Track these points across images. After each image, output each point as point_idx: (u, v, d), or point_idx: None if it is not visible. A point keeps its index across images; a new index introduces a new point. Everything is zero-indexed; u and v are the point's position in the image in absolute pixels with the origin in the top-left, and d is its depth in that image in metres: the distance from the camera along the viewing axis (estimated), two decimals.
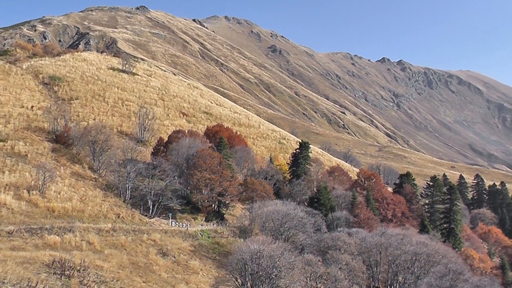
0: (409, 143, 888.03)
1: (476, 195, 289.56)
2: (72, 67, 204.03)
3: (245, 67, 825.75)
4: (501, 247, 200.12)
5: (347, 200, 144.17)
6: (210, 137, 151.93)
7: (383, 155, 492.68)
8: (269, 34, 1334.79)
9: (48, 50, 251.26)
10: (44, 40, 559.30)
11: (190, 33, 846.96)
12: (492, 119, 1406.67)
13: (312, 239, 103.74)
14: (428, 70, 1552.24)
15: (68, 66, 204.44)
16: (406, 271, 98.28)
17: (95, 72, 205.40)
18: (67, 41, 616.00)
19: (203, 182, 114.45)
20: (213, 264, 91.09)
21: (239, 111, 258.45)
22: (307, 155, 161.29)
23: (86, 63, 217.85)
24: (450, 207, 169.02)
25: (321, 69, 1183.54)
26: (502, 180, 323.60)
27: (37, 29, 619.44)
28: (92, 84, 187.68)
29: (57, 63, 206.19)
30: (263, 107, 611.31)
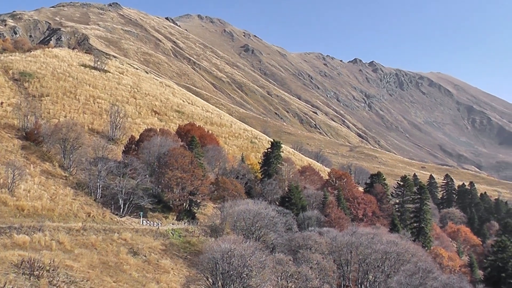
0: (380, 144, 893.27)
1: (445, 195, 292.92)
2: (43, 63, 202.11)
3: (217, 66, 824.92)
4: (469, 246, 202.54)
5: (318, 200, 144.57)
6: (182, 136, 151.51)
7: (354, 155, 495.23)
8: (242, 33, 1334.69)
9: (18, 46, 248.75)
10: (15, 35, 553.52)
11: (163, 31, 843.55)
12: (461, 121, 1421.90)
13: (283, 239, 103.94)
14: (399, 72, 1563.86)
15: (39, 62, 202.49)
16: (377, 269, 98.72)
17: (66, 69, 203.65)
18: (38, 37, 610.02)
19: (175, 181, 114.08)
20: (184, 263, 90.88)
21: (211, 110, 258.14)
22: (278, 155, 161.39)
23: (58, 60, 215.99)
24: (420, 206, 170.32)
25: (293, 69, 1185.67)
26: (471, 180, 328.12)
27: (7, 23, 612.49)
28: (63, 81, 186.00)
29: (27, 59, 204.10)
30: (235, 106, 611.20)
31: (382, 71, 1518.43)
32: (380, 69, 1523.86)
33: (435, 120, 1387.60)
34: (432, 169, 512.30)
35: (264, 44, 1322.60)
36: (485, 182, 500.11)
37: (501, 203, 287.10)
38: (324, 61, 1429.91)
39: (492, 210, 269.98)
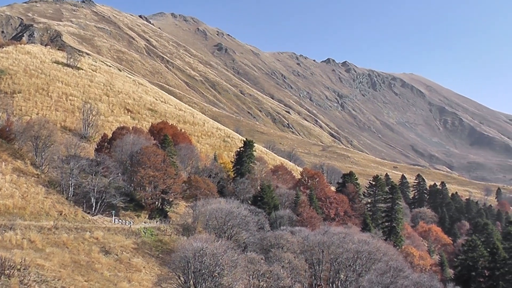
0: (353, 143, 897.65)
1: (417, 194, 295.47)
2: (15, 60, 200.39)
3: (190, 64, 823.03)
4: (440, 245, 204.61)
5: (290, 199, 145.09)
6: (155, 134, 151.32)
7: (326, 155, 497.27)
8: (216, 32, 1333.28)
9: None
10: None
11: (136, 29, 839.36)
12: (433, 121, 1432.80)
13: (255, 238, 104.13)
14: (372, 72, 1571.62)
15: (11, 59, 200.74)
16: (348, 268, 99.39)
17: (39, 66, 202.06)
18: (10, 33, 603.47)
19: (147, 179, 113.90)
20: (156, 262, 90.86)
21: (184, 109, 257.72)
22: (251, 154, 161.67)
23: (30, 56, 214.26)
24: (392, 206, 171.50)
25: (266, 68, 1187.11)
26: (443, 181, 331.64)
27: None
28: (35, 78, 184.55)
29: None
30: (208, 105, 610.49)
31: (355, 72, 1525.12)
32: (353, 70, 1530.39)
33: (407, 121, 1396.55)
34: (404, 169, 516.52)
35: (237, 43, 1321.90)
36: (456, 182, 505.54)
37: (472, 203, 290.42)
38: (297, 60, 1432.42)
39: (463, 210, 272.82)
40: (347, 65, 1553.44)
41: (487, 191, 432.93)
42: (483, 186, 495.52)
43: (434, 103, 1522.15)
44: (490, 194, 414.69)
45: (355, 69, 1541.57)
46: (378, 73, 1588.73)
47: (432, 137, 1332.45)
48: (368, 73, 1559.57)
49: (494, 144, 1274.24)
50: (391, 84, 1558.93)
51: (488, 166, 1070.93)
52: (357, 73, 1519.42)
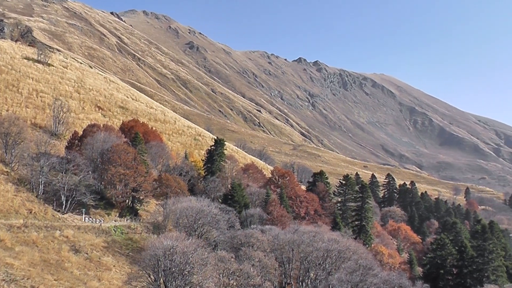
0: (323, 143, 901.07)
1: (387, 193, 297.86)
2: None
3: (162, 62, 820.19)
4: (409, 243, 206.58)
5: (261, 198, 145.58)
6: (126, 132, 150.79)
7: (297, 154, 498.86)
8: (187, 30, 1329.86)
9: None
10: None
11: (108, 26, 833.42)
12: (404, 122, 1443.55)
13: (225, 236, 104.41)
14: (343, 72, 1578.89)
15: None
16: (318, 267, 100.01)
17: (9, 61, 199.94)
18: None
19: (118, 177, 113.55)
20: (126, 261, 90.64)
21: (155, 107, 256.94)
22: (222, 152, 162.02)
23: (0, 52, 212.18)
24: (362, 205, 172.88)
25: (238, 67, 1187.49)
26: (412, 180, 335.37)
27: None
28: (5, 74, 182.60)
29: None
30: (179, 103, 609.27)
31: (326, 71, 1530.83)
32: (324, 69, 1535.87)
33: (377, 121, 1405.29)
34: (374, 169, 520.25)
35: (209, 41, 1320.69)
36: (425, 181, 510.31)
37: (441, 202, 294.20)
38: (268, 59, 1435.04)
39: (432, 209, 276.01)
40: (318, 64, 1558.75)
41: (456, 190, 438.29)
42: (452, 185, 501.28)
43: (405, 104, 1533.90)
44: (459, 194, 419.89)
45: (326, 69, 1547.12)
46: (349, 73, 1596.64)
47: (402, 137, 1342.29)
48: (339, 72, 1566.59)
49: (463, 144, 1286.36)
50: (362, 84, 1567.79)
51: (457, 166, 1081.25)
52: (328, 73, 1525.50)
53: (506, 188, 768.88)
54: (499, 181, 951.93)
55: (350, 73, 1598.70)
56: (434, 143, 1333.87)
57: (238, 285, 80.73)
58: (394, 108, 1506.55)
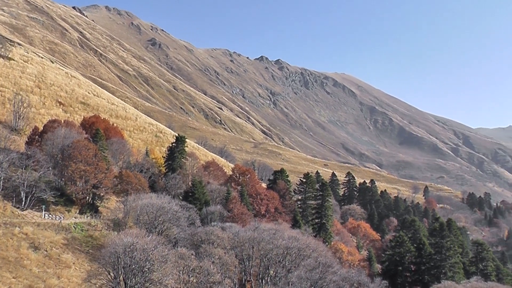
0: (284, 141, 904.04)
1: (347, 192, 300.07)
2: None
3: (124, 59, 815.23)
4: (368, 241, 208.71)
5: (221, 195, 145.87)
6: (87, 128, 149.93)
7: (258, 152, 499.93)
8: (150, 27, 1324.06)
9: None
10: None
11: (70, 20, 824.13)
12: (364, 121, 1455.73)
13: (186, 233, 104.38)
14: (304, 71, 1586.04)
15: None
16: (278, 264, 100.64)
17: None
18: None
19: (78, 173, 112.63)
20: (86, 258, 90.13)
21: (117, 103, 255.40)
22: (183, 149, 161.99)
23: None
24: (322, 203, 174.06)
25: (200, 65, 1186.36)
26: (372, 178, 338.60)
27: None
28: None
29: None
30: (141, 100, 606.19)
31: (288, 70, 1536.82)
32: (286, 68, 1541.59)
33: (338, 119, 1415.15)
34: (335, 167, 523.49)
35: (171, 38, 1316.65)
36: (385, 180, 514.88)
37: (400, 200, 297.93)
38: (230, 57, 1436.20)
39: (391, 207, 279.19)
40: (280, 63, 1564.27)
41: (415, 189, 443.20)
42: (411, 184, 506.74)
43: (365, 103, 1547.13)
44: (418, 192, 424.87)
45: (288, 67, 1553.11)
46: (311, 72, 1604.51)
47: (363, 136, 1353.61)
48: (301, 71, 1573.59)
49: (422, 144, 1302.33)
50: (323, 83, 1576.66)
51: (416, 165, 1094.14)
52: (290, 71, 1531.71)
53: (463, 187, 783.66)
54: (457, 180, 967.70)
55: (311, 72, 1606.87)
56: (394, 142, 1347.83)
57: (198, 282, 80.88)
58: (354, 107, 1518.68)
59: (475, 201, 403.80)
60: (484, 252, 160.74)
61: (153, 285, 68.17)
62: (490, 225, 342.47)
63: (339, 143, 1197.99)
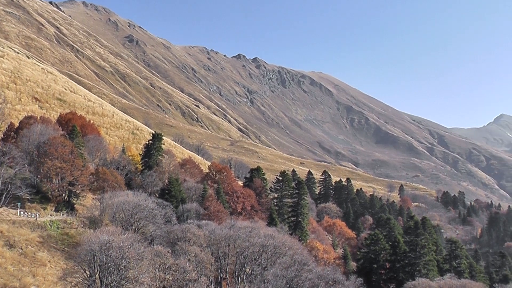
0: (261, 139, 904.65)
1: (323, 190, 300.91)
2: None
3: (101, 55, 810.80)
4: (344, 239, 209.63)
5: (198, 193, 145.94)
6: (63, 125, 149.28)
7: (235, 150, 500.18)
8: (127, 23, 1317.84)
9: None
10: None
11: (46, 15, 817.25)
12: (340, 120, 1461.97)
13: (162, 231, 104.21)
14: (282, 69, 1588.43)
15: None
16: (254, 262, 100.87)
17: None
18: None
19: (54, 170, 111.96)
20: (61, 256, 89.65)
21: (94, 100, 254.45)
22: (159, 147, 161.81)
23: None
24: (298, 201, 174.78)
25: (177, 62, 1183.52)
26: (348, 177, 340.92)
27: None
28: None
29: None
30: (117, 96, 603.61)
31: (265, 68, 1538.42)
32: (263, 66, 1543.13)
33: (315, 118, 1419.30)
34: (311, 165, 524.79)
35: (148, 35, 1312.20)
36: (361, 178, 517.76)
37: (376, 198, 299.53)
38: (208, 55, 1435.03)
39: (367, 205, 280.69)
40: (257, 61, 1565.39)
41: (390, 187, 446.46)
42: (386, 182, 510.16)
43: (342, 102, 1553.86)
44: (393, 191, 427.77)
45: (265, 66, 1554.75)
46: (288, 70, 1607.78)
47: (339, 135, 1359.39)
48: (278, 70, 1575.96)
49: (398, 143, 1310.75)
50: (300, 82, 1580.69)
51: (392, 163, 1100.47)
52: (267, 70, 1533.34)
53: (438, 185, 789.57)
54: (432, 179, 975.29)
55: (288, 71, 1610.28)
56: (370, 141, 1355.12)
57: (174, 280, 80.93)
58: (331, 106, 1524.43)
59: (449, 200, 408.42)
60: (457, 250, 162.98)
61: (129, 283, 68.06)
62: (464, 223, 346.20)
63: (315, 141, 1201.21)
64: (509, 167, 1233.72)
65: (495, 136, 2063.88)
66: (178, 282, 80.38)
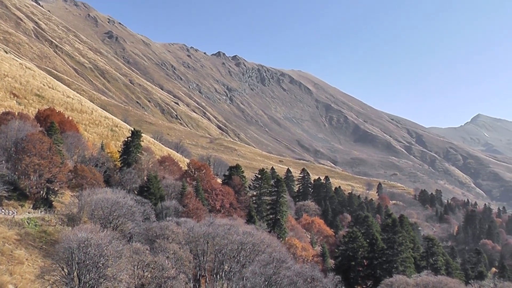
0: (240, 137, 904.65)
1: (301, 188, 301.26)
2: None
3: (80, 51, 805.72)
4: (322, 237, 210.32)
5: (176, 190, 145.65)
6: (41, 121, 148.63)
7: (214, 147, 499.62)
8: (107, 19, 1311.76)
9: None
10: None
11: (25, 10, 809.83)
12: (319, 118, 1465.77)
13: (140, 228, 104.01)
14: (261, 67, 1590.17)
15: None
16: (232, 260, 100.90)
17: None
18: None
19: (32, 167, 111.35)
20: (39, 254, 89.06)
21: (72, 96, 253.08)
22: (138, 144, 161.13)
23: None
24: (277, 199, 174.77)
25: (157, 59, 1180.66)
26: (326, 175, 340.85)
27: None
28: None
29: None
30: (96, 93, 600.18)
31: (245, 66, 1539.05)
32: (243, 64, 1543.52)
33: (294, 116, 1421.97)
34: (290, 163, 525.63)
35: (128, 32, 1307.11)
36: (339, 176, 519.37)
37: (354, 196, 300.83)
38: (188, 52, 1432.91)
39: (345, 203, 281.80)
40: (237, 59, 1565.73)
41: (368, 185, 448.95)
42: (365, 181, 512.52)
43: (321, 100, 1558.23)
44: (372, 189, 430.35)
45: (245, 63, 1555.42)
46: (268, 68, 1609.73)
47: (318, 133, 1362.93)
48: (258, 68, 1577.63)
49: (376, 141, 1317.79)
50: (279, 80, 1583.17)
51: (370, 162, 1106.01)
52: (246, 68, 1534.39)
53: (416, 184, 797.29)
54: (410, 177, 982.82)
55: (268, 69, 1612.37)
56: (349, 140, 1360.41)
57: (152, 277, 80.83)
58: (310, 104, 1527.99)
59: (426, 198, 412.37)
60: (434, 247, 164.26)
61: (107, 281, 67.94)
62: (441, 221, 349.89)
63: (294, 139, 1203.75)
64: (485, 166, 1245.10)
65: (472, 135, 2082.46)
66: (157, 280, 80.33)
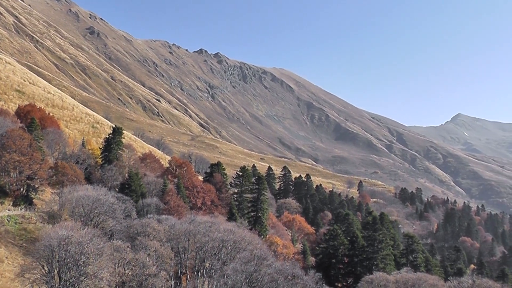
0: (222, 134, 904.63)
1: (283, 185, 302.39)
2: None
3: (61, 46, 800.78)
4: (303, 234, 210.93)
5: (158, 187, 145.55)
6: (22, 117, 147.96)
7: (195, 144, 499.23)
8: (88, 15, 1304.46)
9: None
10: None
11: (5, 4, 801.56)
12: (301, 116, 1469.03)
13: (121, 225, 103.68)
14: (243, 65, 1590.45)
15: None
16: (213, 257, 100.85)
17: None
18: None
19: (12, 164, 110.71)
20: (19, 252, 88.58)
21: (53, 92, 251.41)
22: (120, 141, 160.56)
23: None
24: (258, 196, 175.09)
25: (138, 56, 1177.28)
26: (308, 173, 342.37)
27: None
28: None
29: None
30: (78, 89, 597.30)
31: (226, 63, 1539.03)
32: (225, 61, 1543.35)
33: (275, 114, 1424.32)
34: (271, 161, 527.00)
35: (110, 28, 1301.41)
36: (320, 174, 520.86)
37: (335, 194, 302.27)
38: (170, 49, 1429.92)
39: (326, 201, 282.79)
40: (219, 56, 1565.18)
41: (349, 183, 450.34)
42: (346, 179, 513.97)
43: (303, 98, 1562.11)
44: (352, 187, 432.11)
45: (227, 61, 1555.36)
46: (250, 66, 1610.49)
47: (299, 131, 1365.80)
48: (240, 65, 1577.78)
49: (357, 140, 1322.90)
50: (261, 78, 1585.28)
51: (351, 160, 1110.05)
52: (228, 65, 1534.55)
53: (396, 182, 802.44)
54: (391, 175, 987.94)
55: (250, 66, 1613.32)
56: (330, 138, 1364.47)
57: (133, 274, 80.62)
58: (292, 102, 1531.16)
59: (407, 196, 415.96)
60: (414, 244, 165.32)
61: (88, 279, 67.63)
62: (421, 218, 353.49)
63: (276, 137, 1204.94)
64: (465, 164, 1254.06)
65: (452, 134, 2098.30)
66: (138, 277, 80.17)
